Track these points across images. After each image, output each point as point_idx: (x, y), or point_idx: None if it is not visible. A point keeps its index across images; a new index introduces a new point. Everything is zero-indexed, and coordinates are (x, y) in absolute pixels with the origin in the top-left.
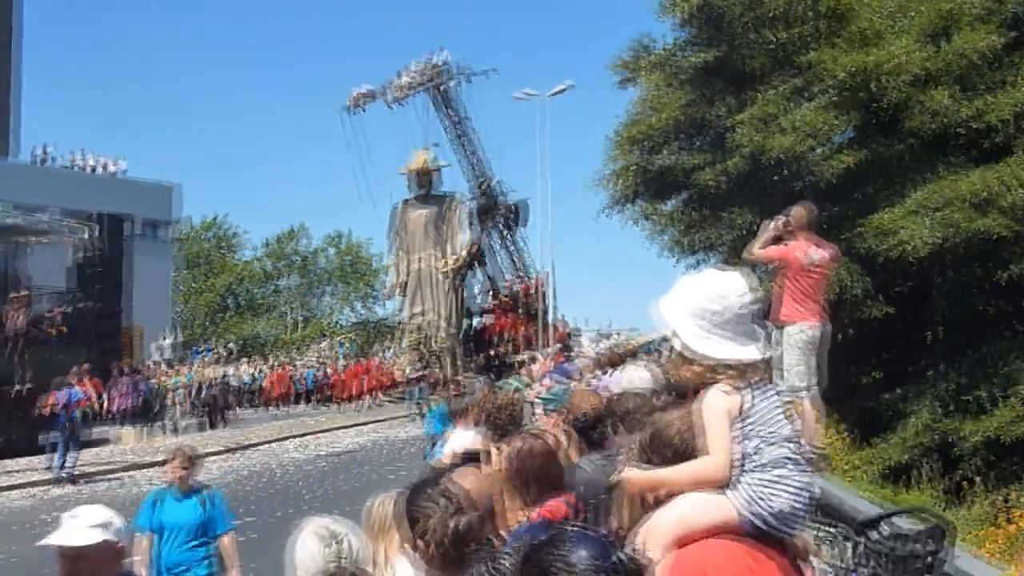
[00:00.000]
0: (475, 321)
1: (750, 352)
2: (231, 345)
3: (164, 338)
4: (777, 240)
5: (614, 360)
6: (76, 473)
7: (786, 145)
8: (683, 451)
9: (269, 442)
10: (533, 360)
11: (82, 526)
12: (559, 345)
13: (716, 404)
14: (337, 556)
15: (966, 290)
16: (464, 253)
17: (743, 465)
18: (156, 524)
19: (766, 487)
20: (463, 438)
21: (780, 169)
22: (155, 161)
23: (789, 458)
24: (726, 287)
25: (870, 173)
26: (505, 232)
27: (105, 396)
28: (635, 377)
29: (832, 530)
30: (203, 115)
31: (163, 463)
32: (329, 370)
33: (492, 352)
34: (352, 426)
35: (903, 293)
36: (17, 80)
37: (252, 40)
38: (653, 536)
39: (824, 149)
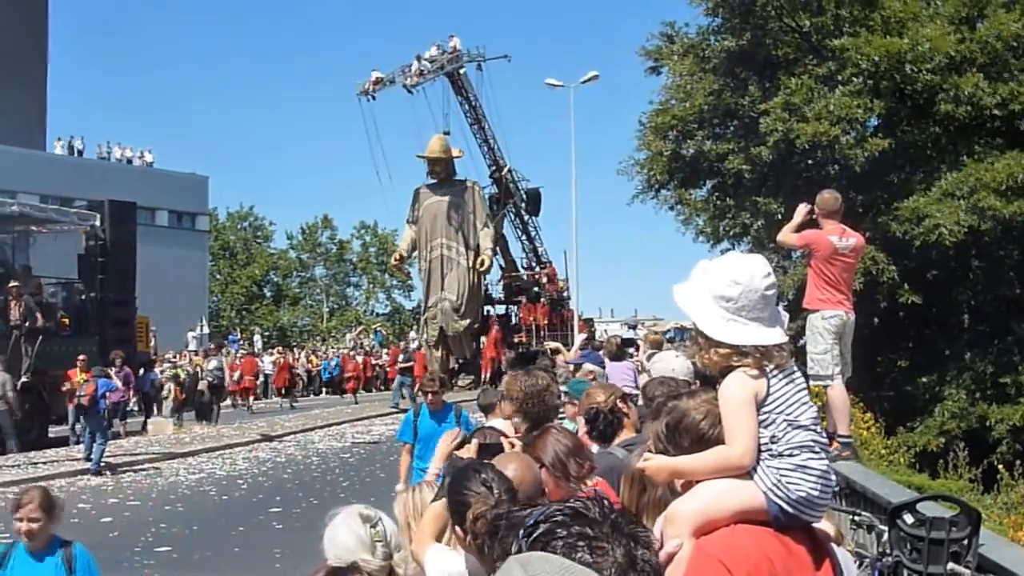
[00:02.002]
0: (497, 309)
1: (773, 335)
2: (256, 337)
3: (200, 328)
4: (803, 228)
5: (656, 342)
6: (104, 464)
7: (816, 131)
8: (705, 438)
9: (295, 432)
10: (557, 351)
11: None
12: (584, 335)
13: (739, 389)
14: (381, 537)
15: (998, 276)
16: (491, 245)
17: (767, 450)
18: None
19: (791, 472)
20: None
21: (810, 156)
22: (176, 153)
23: (812, 443)
24: (747, 270)
25: (901, 159)
26: (517, 220)
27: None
28: (675, 364)
29: (863, 517)
30: (225, 106)
31: (190, 455)
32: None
33: (516, 340)
34: (378, 416)
35: (935, 279)
36: (44, 75)
37: (271, 30)
38: (674, 524)
39: (854, 135)
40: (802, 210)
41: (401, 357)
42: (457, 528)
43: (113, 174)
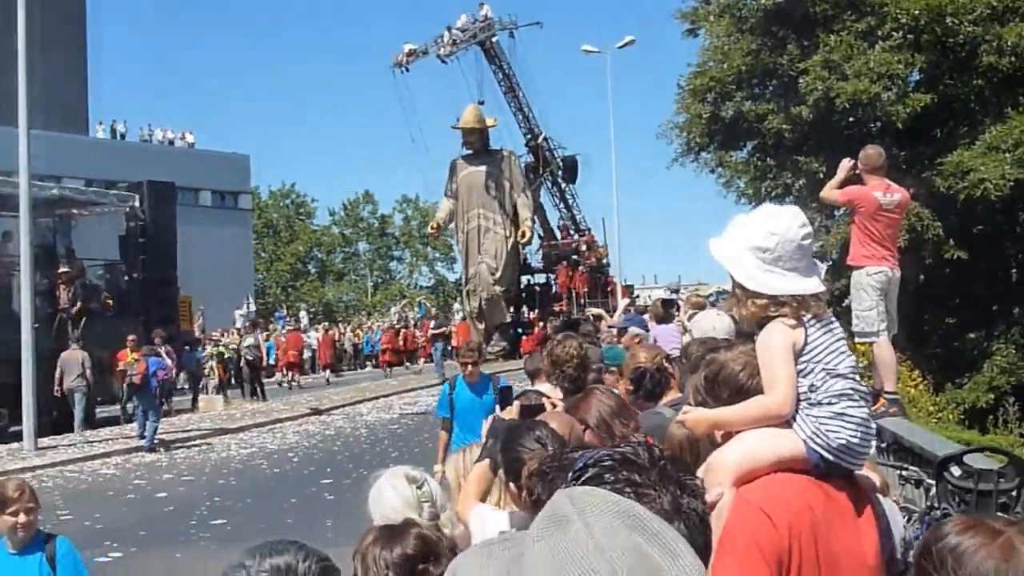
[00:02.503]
0: (536, 278)
1: (810, 285)
2: (302, 313)
3: (247, 306)
4: (846, 184)
5: (697, 304)
6: (157, 441)
7: (856, 89)
8: (744, 388)
9: (343, 405)
10: (599, 317)
11: None
12: (627, 300)
13: (778, 338)
14: (428, 497)
15: None
16: (530, 215)
17: (806, 399)
18: None
19: (830, 420)
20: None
21: (851, 113)
22: (217, 133)
23: (851, 391)
24: (783, 220)
25: (944, 113)
26: (555, 188)
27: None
28: (716, 323)
29: (911, 471)
30: (263, 86)
31: (241, 430)
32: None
33: (556, 309)
34: (425, 387)
35: (980, 234)
36: (85, 60)
37: (308, 6)
38: (715, 473)
39: (895, 91)
40: (845, 165)
41: (433, 323)
42: (511, 485)
43: (155, 156)
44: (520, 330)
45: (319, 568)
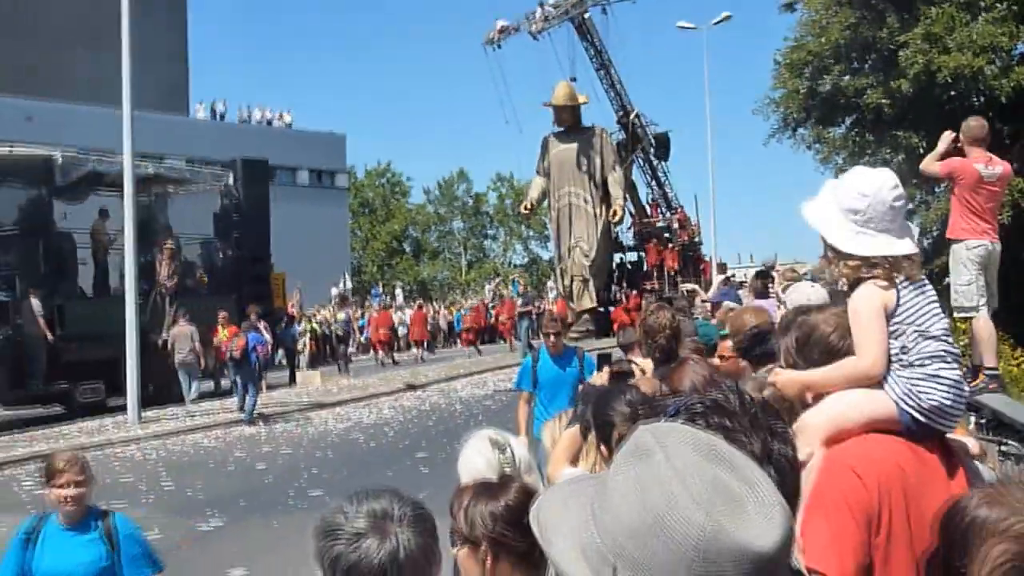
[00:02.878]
0: (628, 256)
1: (902, 246)
2: (397, 291)
3: (343, 283)
4: (947, 156)
5: (793, 278)
6: (256, 414)
7: (959, 63)
8: (835, 350)
9: (438, 381)
10: (694, 292)
11: None
12: (722, 276)
13: (870, 300)
14: (508, 462)
15: None
16: (622, 193)
17: (898, 360)
18: None
19: (922, 381)
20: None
21: (953, 87)
22: (314, 112)
23: (943, 353)
24: (874, 182)
25: None
26: (646, 165)
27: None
28: (811, 293)
29: (1011, 446)
30: (359, 65)
31: (338, 404)
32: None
33: (648, 287)
34: (519, 364)
35: None
36: (185, 40)
37: None
38: (805, 434)
39: (999, 64)
40: (946, 137)
41: (520, 301)
42: (603, 447)
43: (254, 136)
44: (611, 308)
45: (413, 514)
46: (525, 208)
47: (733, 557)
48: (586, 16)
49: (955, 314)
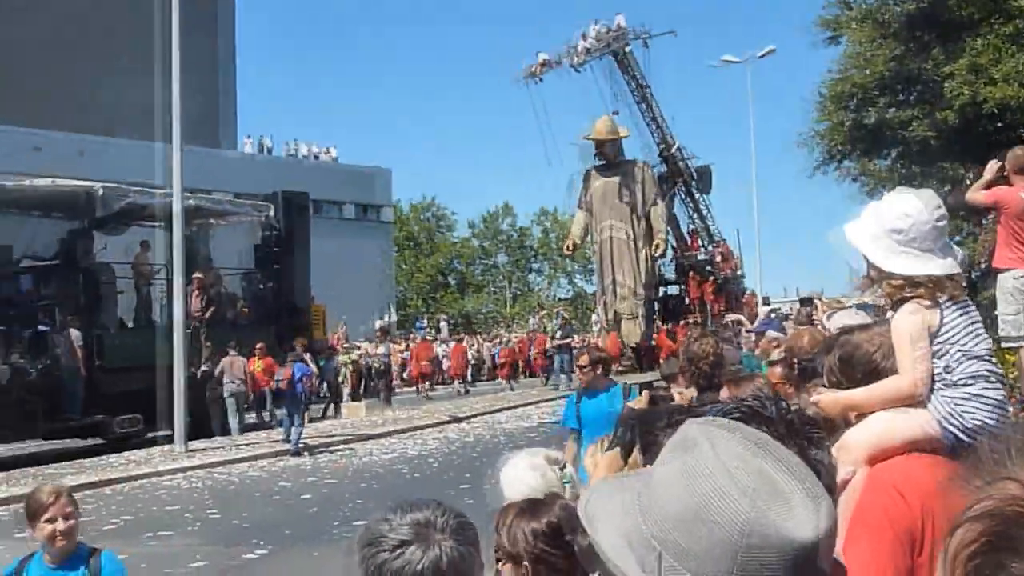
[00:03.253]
0: (669, 289)
1: (944, 267)
2: (442, 324)
3: (388, 316)
4: (992, 185)
5: (837, 307)
6: (302, 445)
7: (1005, 94)
8: (878, 369)
9: (482, 413)
10: (740, 323)
11: None
12: (768, 307)
13: (911, 320)
14: (569, 479)
15: None
16: (664, 227)
17: (941, 380)
18: None
19: (965, 401)
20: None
21: (998, 119)
22: (359, 148)
23: (987, 373)
24: (917, 203)
25: None
26: (688, 198)
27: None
28: (855, 321)
29: None
30: (404, 101)
31: (382, 436)
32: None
33: (690, 320)
34: (564, 396)
35: None
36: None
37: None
38: (846, 453)
39: None
40: (992, 167)
41: (559, 334)
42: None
43: (300, 170)
44: (653, 342)
45: (456, 523)
46: (568, 249)
47: (777, 546)
48: (627, 49)
49: (1002, 344)
